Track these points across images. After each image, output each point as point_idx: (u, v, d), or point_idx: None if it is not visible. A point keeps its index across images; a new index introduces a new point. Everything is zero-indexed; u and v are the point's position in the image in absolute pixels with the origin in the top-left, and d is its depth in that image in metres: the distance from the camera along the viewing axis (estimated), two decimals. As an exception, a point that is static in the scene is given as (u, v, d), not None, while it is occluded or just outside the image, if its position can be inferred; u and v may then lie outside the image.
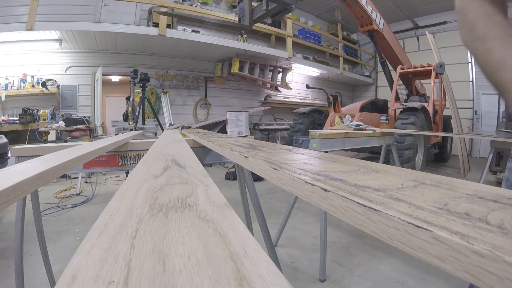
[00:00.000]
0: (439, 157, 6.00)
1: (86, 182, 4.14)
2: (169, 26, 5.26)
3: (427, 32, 6.41)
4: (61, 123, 4.41)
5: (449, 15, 7.77)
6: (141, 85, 4.32)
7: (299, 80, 8.40)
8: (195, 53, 6.47)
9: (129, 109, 4.38)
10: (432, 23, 8.26)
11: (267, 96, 7.78)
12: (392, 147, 2.69)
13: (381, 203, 0.26)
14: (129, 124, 4.24)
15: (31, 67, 5.18)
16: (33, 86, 5.09)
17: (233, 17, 5.82)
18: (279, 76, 7.58)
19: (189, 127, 3.84)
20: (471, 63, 7.62)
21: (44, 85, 4.96)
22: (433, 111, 5.14)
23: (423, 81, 6.36)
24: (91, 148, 0.88)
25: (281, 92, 7.88)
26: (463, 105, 7.44)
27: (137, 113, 4.18)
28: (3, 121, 4.68)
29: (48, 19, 4.64)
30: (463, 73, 7.74)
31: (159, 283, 0.15)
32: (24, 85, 5.07)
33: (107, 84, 6.30)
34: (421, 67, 5.45)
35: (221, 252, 0.18)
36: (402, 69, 5.70)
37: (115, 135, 3.35)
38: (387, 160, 3.41)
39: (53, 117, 4.75)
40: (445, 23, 8.00)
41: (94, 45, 5.60)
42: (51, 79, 5.22)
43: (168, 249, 0.19)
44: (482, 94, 7.63)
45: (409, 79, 6.09)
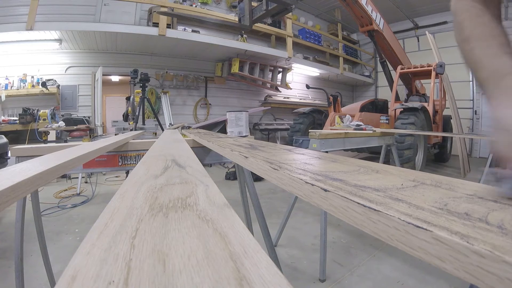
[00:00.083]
0: (439, 157, 5.99)
1: (86, 182, 4.14)
2: (169, 26, 5.26)
3: (427, 32, 6.40)
4: (61, 123, 4.41)
5: (449, 15, 7.59)
6: (141, 85, 4.32)
7: (299, 80, 8.40)
8: (195, 53, 6.47)
9: (129, 109, 4.38)
10: (432, 23, 8.26)
11: (267, 96, 7.78)
12: (392, 147, 2.69)
13: (381, 203, 0.26)
14: (129, 124, 4.24)
15: (31, 67, 5.18)
16: (33, 86, 5.09)
17: (233, 17, 5.81)
18: (279, 76, 7.58)
19: (189, 127, 3.83)
20: (471, 63, 7.62)
21: (44, 85, 4.96)
22: (433, 111, 5.13)
23: (423, 81, 6.36)
24: (91, 148, 0.88)
25: (281, 92, 7.88)
26: (463, 105, 7.44)
27: (137, 113, 4.18)
28: (3, 121, 4.68)
29: (48, 19, 4.64)
30: (463, 73, 7.72)
31: (159, 283, 0.15)
32: (24, 85, 5.07)
33: (107, 84, 6.31)
34: (421, 67, 5.45)
35: (221, 252, 0.18)
36: (402, 69, 5.70)
37: (115, 135, 3.35)
38: (387, 160, 3.41)
39: (53, 117, 4.75)
40: (445, 23, 8.00)
41: (94, 45, 5.61)
42: (51, 79, 5.22)
43: (168, 249, 0.19)
44: (482, 94, 7.62)
45: (409, 79, 6.09)
